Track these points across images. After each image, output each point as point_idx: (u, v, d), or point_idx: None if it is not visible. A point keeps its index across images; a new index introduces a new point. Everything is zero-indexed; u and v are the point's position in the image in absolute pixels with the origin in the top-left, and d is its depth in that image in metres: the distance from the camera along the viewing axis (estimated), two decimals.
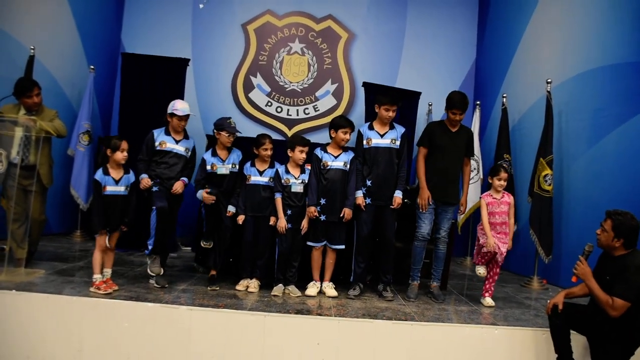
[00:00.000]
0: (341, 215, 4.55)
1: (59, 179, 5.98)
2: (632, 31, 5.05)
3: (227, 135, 4.60)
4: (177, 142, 4.52)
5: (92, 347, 3.71)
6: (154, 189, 4.44)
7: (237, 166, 4.67)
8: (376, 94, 4.84)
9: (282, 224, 4.47)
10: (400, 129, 4.71)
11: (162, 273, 4.43)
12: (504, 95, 6.75)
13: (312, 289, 4.58)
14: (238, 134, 4.70)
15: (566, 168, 5.82)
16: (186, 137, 4.62)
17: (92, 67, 6.80)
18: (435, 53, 8.13)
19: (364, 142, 4.65)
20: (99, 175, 4.15)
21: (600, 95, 5.39)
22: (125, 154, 4.18)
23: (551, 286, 5.73)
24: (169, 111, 4.50)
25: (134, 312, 3.78)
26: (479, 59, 8.17)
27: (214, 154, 4.64)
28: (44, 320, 3.73)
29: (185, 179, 4.49)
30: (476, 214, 7.17)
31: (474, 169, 6.82)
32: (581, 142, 5.59)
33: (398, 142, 4.65)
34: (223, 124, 4.61)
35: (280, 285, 4.54)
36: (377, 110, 4.65)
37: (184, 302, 3.93)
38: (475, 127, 7.02)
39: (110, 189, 4.15)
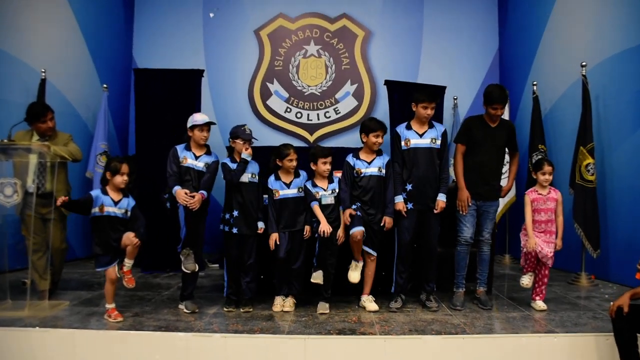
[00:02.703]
0: (381, 224, 4.30)
1: None
2: None
3: (242, 142, 4.34)
4: (197, 157, 4.28)
5: None
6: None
7: (257, 177, 4.41)
8: (413, 92, 4.56)
9: (326, 227, 4.16)
10: (440, 128, 4.43)
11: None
12: (534, 83, 6.40)
13: (355, 272, 4.30)
14: (254, 141, 4.44)
15: (607, 156, 5.48)
16: (208, 152, 4.37)
17: (105, 85, 6.66)
18: (456, 45, 7.83)
19: (402, 143, 4.38)
20: (95, 192, 3.96)
21: None
22: (125, 177, 3.97)
23: (600, 282, 5.40)
24: (188, 125, 4.27)
25: (165, 343, 3.55)
26: (502, 46, 7.85)
27: (233, 161, 4.40)
28: (71, 357, 3.52)
29: (204, 192, 4.20)
30: (512, 209, 6.86)
31: (507, 162, 6.50)
32: (623, 128, 5.25)
33: (439, 142, 4.37)
34: (237, 132, 4.34)
35: (326, 303, 4.30)
36: (414, 109, 4.38)
37: (217, 329, 3.69)
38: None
39: (109, 209, 3.94)
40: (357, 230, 4.15)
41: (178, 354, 3.51)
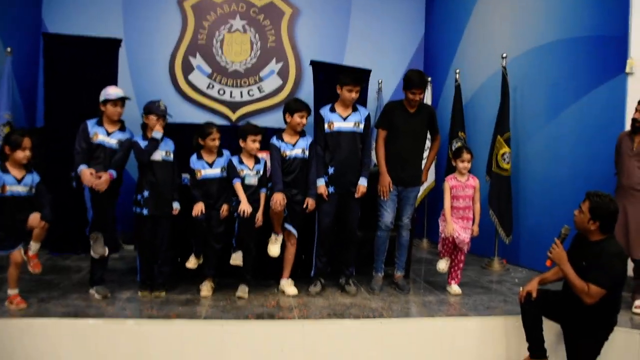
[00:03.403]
0: (304, 206, 4.26)
1: None
2: (587, 4, 4.96)
3: (155, 119, 4.13)
4: (109, 134, 4.02)
5: None
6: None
7: (172, 155, 4.22)
8: (338, 74, 4.50)
9: (246, 206, 4.04)
10: (364, 111, 4.41)
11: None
12: (457, 70, 6.54)
13: (275, 246, 4.23)
14: (168, 117, 4.25)
15: (523, 145, 5.71)
16: (122, 128, 4.13)
17: (8, 49, 6.10)
18: (382, 28, 7.82)
19: (325, 125, 4.32)
20: None
21: (556, 70, 5.29)
22: (27, 152, 3.65)
23: (511, 266, 5.66)
24: (101, 99, 4.00)
25: (73, 330, 3.34)
26: (427, 33, 7.94)
27: (145, 139, 4.17)
28: None
29: (112, 171, 3.95)
30: (431, 195, 7.04)
31: (427, 148, 6.63)
32: (538, 119, 5.49)
33: (362, 126, 4.35)
34: (151, 107, 4.14)
35: (246, 286, 4.20)
36: (338, 92, 4.32)
37: (131, 315, 3.53)
38: None
39: (12, 188, 3.61)
40: (277, 200, 4.08)
41: (88, 342, 3.32)
